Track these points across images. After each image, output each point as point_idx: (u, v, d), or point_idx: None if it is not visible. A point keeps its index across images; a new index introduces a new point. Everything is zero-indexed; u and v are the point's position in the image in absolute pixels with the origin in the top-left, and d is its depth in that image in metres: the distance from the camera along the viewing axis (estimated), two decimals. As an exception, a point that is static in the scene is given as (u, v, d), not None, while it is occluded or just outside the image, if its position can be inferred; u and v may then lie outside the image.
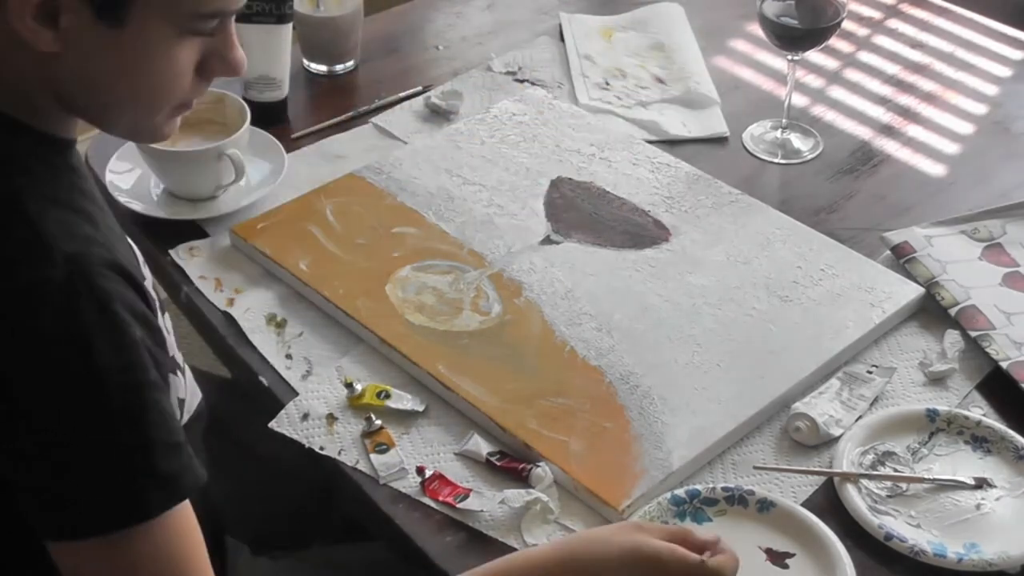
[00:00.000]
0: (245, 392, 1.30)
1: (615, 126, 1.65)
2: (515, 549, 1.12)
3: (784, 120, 1.64)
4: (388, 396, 1.24)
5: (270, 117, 1.60)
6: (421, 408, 1.24)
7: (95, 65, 0.91)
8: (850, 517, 1.15)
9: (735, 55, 1.83)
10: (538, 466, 1.17)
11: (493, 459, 1.19)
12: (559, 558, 1.01)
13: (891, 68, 1.81)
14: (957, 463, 1.20)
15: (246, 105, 1.50)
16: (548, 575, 1.00)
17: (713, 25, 1.88)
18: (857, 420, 1.24)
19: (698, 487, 1.16)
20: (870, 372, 1.29)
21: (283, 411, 1.24)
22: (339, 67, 1.74)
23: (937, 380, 1.29)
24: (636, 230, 1.46)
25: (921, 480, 1.18)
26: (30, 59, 0.90)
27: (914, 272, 1.40)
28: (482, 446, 1.20)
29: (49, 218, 0.89)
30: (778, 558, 1.11)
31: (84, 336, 0.87)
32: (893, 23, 1.90)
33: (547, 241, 1.44)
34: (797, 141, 1.65)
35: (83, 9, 0.88)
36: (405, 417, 1.23)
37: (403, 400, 1.24)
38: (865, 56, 1.83)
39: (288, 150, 1.56)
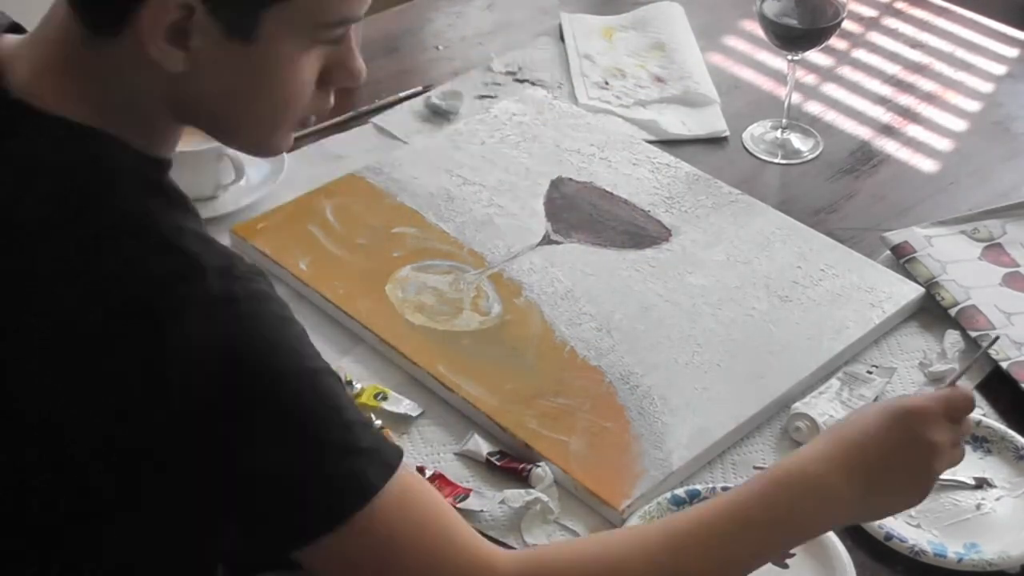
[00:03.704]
0: None
1: (615, 126, 1.65)
2: (515, 549, 1.12)
3: (784, 120, 1.64)
4: (385, 398, 1.24)
5: (270, 117, 1.59)
6: (415, 414, 1.24)
7: (224, 81, 0.90)
8: (850, 517, 1.15)
9: (735, 55, 1.83)
10: (538, 466, 1.17)
11: (493, 459, 1.19)
12: (832, 450, 0.97)
13: (891, 68, 1.81)
14: (957, 463, 1.20)
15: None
16: (829, 467, 0.96)
17: (713, 25, 1.88)
18: (857, 420, 1.24)
19: (698, 487, 1.16)
20: (870, 372, 1.29)
21: (283, 411, 1.24)
22: (339, 67, 1.74)
23: (937, 380, 1.29)
24: (636, 230, 1.46)
25: (921, 480, 1.18)
26: (155, 79, 0.88)
27: (914, 272, 1.40)
28: (482, 446, 1.20)
29: (185, 234, 0.87)
30: (778, 558, 1.11)
31: (266, 340, 0.85)
32: (893, 23, 1.90)
33: (547, 241, 1.44)
34: (797, 141, 1.65)
35: (213, 28, 0.86)
36: (404, 418, 1.24)
37: (400, 404, 1.24)
38: (865, 56, 1.83)
39: (288, 150, 1.55)
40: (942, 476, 1.17)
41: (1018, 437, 1.22)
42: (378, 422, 1.22)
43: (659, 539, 0.94)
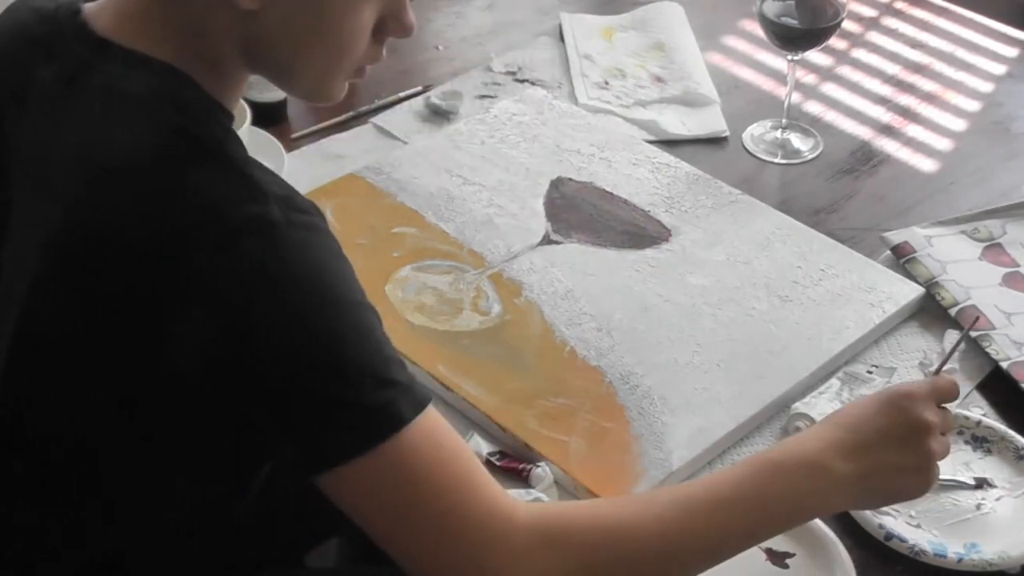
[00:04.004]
0: None
1: (615, 126, 1.65)
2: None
3: (784, 120, 1.64)
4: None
5: (270, 117, 1.60)
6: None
7: (290, 23, 0.94)
8: (850, 517, 1.15)
9: (735, 55, 1.83)
10: (538, 466, 1.17)
11: (493, 459, 1.19)
12: (830, 433, 0.99)
13: (891, 68, 1.81)
14: (957, 463, 1.20)
15: (246, 105, 1.49)
16: (826, 448, 0.98)
17: (713, 25, 1.88)
18: (857, 420, 1.24)
19: (698, 487, 1.16)
20: (870, 372, 1.29)
21: (283, 411, 1.23)
22: (339, 67, 1.74)
23: (937, 380, 1.29)
24: (636, 230, 1.46)
25: (921, 480, 1.18)
26: (228, 17, 0.93)
27: (914, 272, 1.40)
28: (482, 446, 1.20)
29: (251, 164, 0.92)
30: (778, 558, 1.11)
31: (315, 266, 0.90)
32: (893, 23, 1.91)
33: (547, 241, 1.44)
34: (797, 141, 1.65)
35: None
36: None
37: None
38: (865, 56, 1.83)
39: (288, 150, 1.56)
40: (941, 476, 1.17)
41: (1018, 437, 1.22)
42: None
43: (670, 504, 0.95)
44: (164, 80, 0.93)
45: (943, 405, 1.02)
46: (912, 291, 1.38)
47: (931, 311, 1.37)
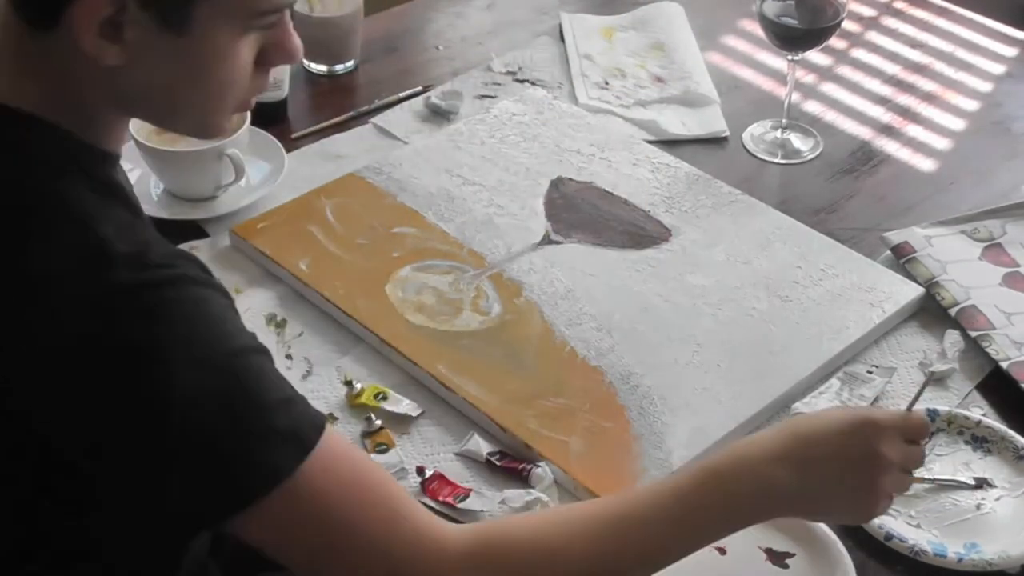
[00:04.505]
0: None
1: (615, 126, 1.65)
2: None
3: (784, 120, 1.64)
4: (385, 398, 1.24)
5: (270, 117, 1.59)
6: (415, 414, 1.24)
7: (161, 73, 0.91)
8: (850, 517, 1.15)
9: (735, 55, 1.83)
10: (538, 466, 1.17)
11: (493, 459, 1.19)
12: (782, 441, 0.97)
13: (891, 68, 1.81)
14: (957, 463, 1.20)
15: (246, 105, 1.49)
16: (774, 457, 0.96)
17: (713, 25, 1.88)
18: (857, 420, 1.24)
19: (698, 487, 1.16)
20: (870, 372, 1.29)
21: (283, 411, 1.23)
22: (339, 67, 1.74)
23: (937, 380, 1.29)
24: (636, 230, 1.46)
25: (921, 480, 1.18)
26: (94, 71, 0.89)
27: (914, 272, 1.40)
28: (482, 446, 1.20)
29: (102, 221, 0.87)
30: (778, 558, 1.11)
31: (164, 333, 0.85)
32: (893, 23, 1.91)
33: (547, 241, 1.44)
34: (797, 141, 1.65)
35: (147, 20, 0.87)
36: (404, 418, 1.24)
37: (400, 404, 1.24)
38: (865, 56, 1.83)
39: (288, 150, 1.56)
40: (942, 476, 1.17)
41: (1018, 437, 1.22)
42: (378, 422, 1.22)
43: (607, 523, 0.95)
44: (6, 128, 0.89)
45: (915, 441, 1.01)
46: (912, 291, 1.38)
47: (931, 311, 1.37)
